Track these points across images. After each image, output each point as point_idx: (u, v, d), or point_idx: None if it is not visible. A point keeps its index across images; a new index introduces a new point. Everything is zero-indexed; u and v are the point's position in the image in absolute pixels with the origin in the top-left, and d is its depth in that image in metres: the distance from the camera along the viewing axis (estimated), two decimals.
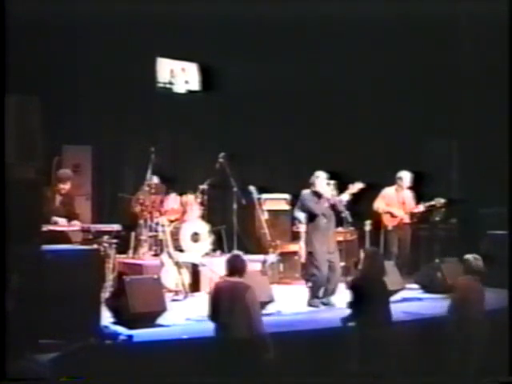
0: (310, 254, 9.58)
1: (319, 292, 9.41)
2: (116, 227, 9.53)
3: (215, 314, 6.69)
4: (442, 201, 10.83)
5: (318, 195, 9.51)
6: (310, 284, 9.64)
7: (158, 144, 11.22)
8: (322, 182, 9.52)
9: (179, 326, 8.10)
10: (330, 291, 9.42)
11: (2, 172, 6.63)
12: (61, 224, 9.43)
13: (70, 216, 9.66)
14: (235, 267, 6.76)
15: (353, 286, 7.11)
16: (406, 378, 6.88)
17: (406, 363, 7.08)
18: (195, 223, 10.89)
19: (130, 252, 10.64)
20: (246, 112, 12.82)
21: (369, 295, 6.87)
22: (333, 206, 9.50)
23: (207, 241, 10.87)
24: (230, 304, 6.59)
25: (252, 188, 11.35)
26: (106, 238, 9.33)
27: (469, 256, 7.55)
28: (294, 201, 11.72)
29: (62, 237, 8.99)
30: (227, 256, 7.11)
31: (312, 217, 9.54)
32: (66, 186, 9.69)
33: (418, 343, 7.77)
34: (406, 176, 10.99)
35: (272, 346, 6.48)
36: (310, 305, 9.39)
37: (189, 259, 10.25)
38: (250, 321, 6.50)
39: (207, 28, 12.25)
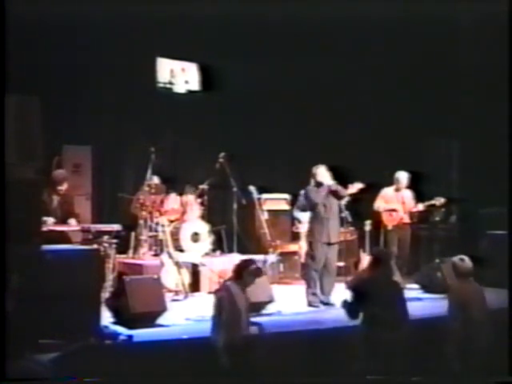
0: (309, 243, 9.61)
1: (315, 286, 9.39)
2: (116, 227, 9.54)
3: None
4: (442, 200, 10.83)
5: (318, 185, 9.53)
6: (305, 276, 9.67)
7: (158, 144, 11.22)
8: (322, 171, 9.54)
9: (179, 326, 8.10)
10: (326, 289, 9.41)
11: (2, 172, 6.62)
12: (60, 224, 9.44)
13: (69, 216, 9.67)
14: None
15: (355, 286, 7.08)
16: (406, 378, 6.87)
17: (405, 363, 7.07)
18: (195, 223, 10.89)
19: (130, 252, 10.64)
20: (246, 112, 12.82)
21: (379, 296, 6.82)
22: (334, 193, 9.50)
23: (207, 241, 10.87)
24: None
25: (252, 188, 11.37)
26: (106, 238, 9.34)
27: (455, 259, 7.50)
28: (294, 201, 11.73)
29: (62, 237, 9.00)
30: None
31: (312, 207, 9.56)
32: (62, 187, 9.69)
33: (418, 343, 7.76)
34: (402, 177, 10.96)
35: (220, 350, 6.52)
36: (310, 305, 9.39)
37: (189, 259, 10.26)
38: None
39: (207, 28, 12.25)
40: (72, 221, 9.64)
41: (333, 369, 7.14)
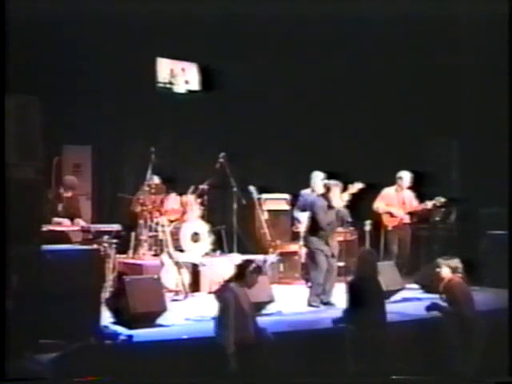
0: (309, 252, 9.58)
1: (319, 290, 9.39)
2: (116, 227, 9.54)
3: None
4: (443, 200, 10.85)
5: (329, 205, 9.43)
6: (309, 284, 9.65)
7: (158, 144, 11.22)
8: (336, 192, 9.42)
9: (179, 326, 8.10)
10: (326, 289, 9.41)
11: (2, 172, 6.62)
12: (64, 224, 9.45)
13: (74, 216, 9.70)
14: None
15: (350, 287, 7.12)
16: (406, 378, 6.87)
17: (405, 363, 7.08)
18: (195, 223, 10.88)
19: (130, 252, 10.64)
20: (246, 112, 12.82)
21: (363, 296, 6.86)
22: (339, 218, 9.46)
23: (207, 241, 10.86)
24: None
25: (252, 188, 11.37)
26: (106, 238, 9.34)
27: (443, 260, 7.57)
28: (294, 201, 11.74)
29: (62, 237, 9.00)
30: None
31: (316, 223, 9.46)
32: (68, 194, 9.75)
33: (418, 343, 7.76)
34: (406, 176, 10.99)
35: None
36: (310, 304, 9.38)
37: (189, 259, 10.25)
38: None
39: (207, 28, 12.25)
40: (79, 221, 9.67)
41: (333, 369, 7.14)
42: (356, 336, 6.83)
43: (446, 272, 7.54)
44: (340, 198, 9.43)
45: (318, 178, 10.88)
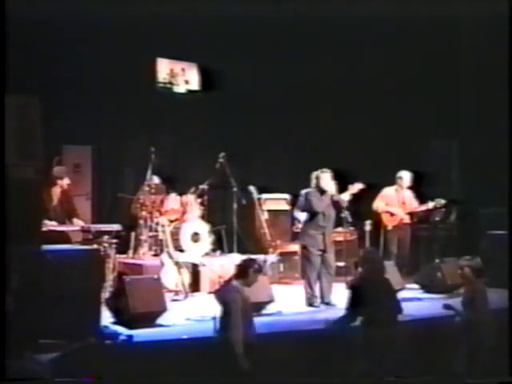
0: (303, 248, 9.58)
1: (314, 288, 9.39)
2: (116, 227, 9.54)
3: None
4: (443, 201, 10.84)
5: (321, 191, 9.49)
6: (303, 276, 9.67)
7: (158, 144, 11.22)
8: (327, 178, 9.48)
9: (179, 326, 8.10)
10: (325, 289, 9.40)
11: (2, 172, 6.63)
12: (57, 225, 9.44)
13: (71, 215, 9.69)
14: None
15: (353, 287, 7.08)
16: (406, 378, 6.87)
17: (405, 363, 7.07)
18: (195, 223, 10.89)
19: (130, 252, 10.64)
20: (246, 112, 12.82)
21: (372, 295, 6.84)
22: (335, 204, 9.48)
23: (207, 241, 10.87)
24: None
25: (252, 188, 11.38)
26: (106, 237, 9.35)
27: (464, 261, 7.54)
28: (294, 201, 11.73)
29: (62, 237, 9.00)
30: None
31: (311, 213, 9.51)
32: (64, 182, 9.69)
33: (418, 343, 7.76)
34: (406, 176, 10.99)
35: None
36: (309, 304, 9.38)
37: (189, 259, 10.26)
38: None
39: (207, 28, 12.25)
40: (78, 221, 9.67)
41: (333, 369, 7.14)
42: (365, 336, 6.79)
43: (468, 273, 7.48)
44: (332, 184, 9.45)
45: None
